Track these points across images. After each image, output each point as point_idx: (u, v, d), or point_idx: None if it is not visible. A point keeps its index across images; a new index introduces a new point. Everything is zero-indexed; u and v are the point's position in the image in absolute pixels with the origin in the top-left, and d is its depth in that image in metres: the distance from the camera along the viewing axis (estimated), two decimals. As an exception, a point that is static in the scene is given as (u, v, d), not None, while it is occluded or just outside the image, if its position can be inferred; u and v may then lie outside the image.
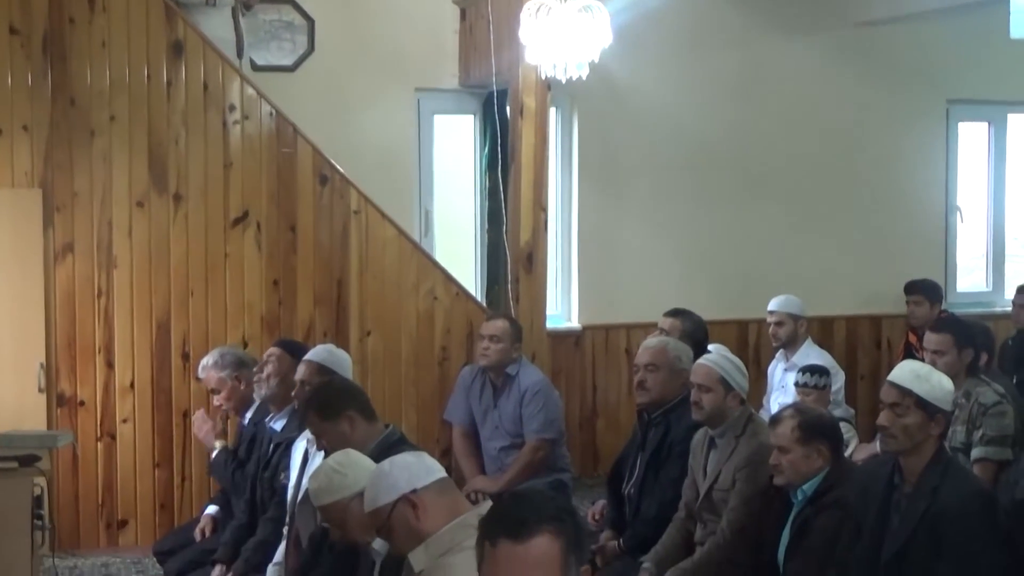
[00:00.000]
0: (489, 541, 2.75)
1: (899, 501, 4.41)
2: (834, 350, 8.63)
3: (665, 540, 5.58)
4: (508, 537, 2.71)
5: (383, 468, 3.72)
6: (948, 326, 6.10)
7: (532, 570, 2.70)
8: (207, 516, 6.57)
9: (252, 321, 7.42)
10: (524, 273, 7.82)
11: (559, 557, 2.72)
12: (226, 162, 7.37)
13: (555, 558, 2.72)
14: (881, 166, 9.39)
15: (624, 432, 7.38)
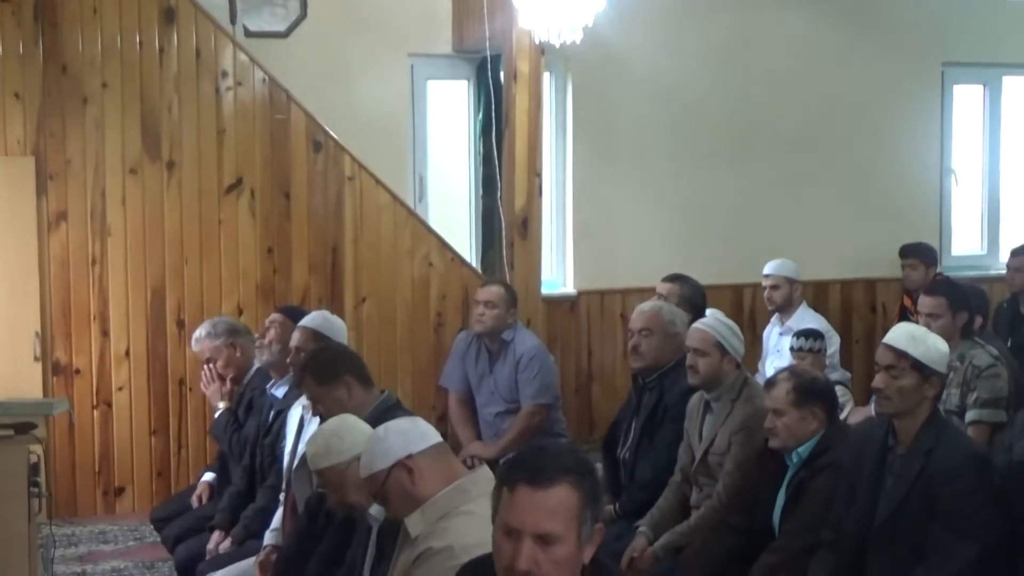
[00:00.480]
0: (508, 487, 2.77)
1: (893, 463, 4.43)
2: (829, 314, 8.65)
3: (661, 504, 5.60)
4: (527, 483, 2.73)
5: (378, 434, 3.73)
6: (942, 289, 6.10)
7: (548, 518, 2.71)
8: (204, 483, 6.59)
9: (247, 288, 7.42)
10: (519, 238, 7.81)
11: (576, 508, 2.74)
12: (219, 129, 7.35)
13: (572, 508, 2.74)
14: (876, 129, 9.37)
15: (619, 397, 7.39)
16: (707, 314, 5.60)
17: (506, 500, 2.76)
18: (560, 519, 2.72)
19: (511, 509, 2.74)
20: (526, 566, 2.70)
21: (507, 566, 2.73)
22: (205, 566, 5.78)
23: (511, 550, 2.72)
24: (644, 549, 5.39)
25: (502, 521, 2.76)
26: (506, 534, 2.74)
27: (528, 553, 2.70)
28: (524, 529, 2.71)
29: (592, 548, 2.80)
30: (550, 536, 2.70)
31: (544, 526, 2.70)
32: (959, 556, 4.20)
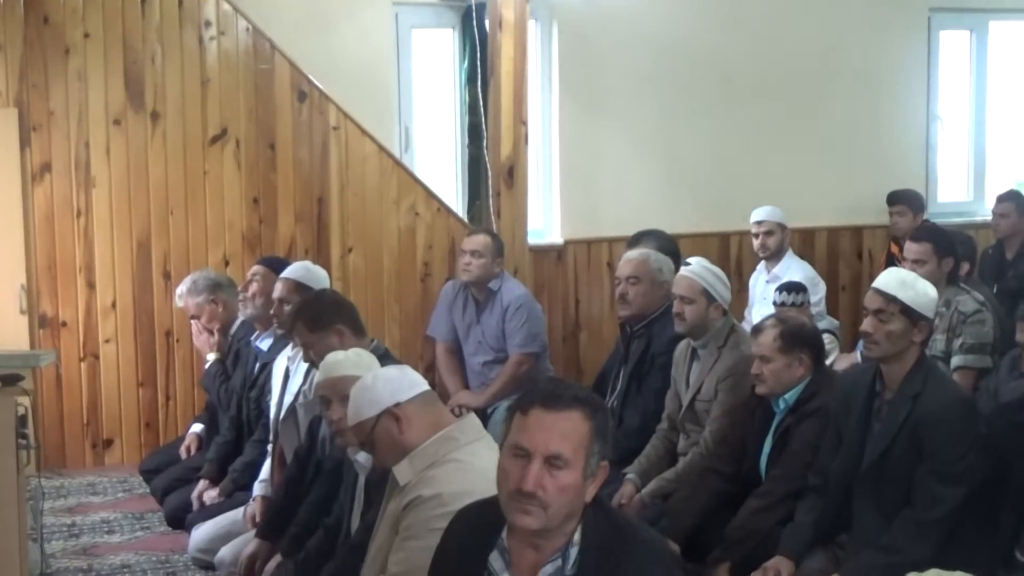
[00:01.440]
0: (521, 411, 2.80)
1: (880, 408, 4.45)
2: (815, 261, 8.66)
3: (648, 451, 5.63)
4: (542, 406, 2.78)
5: (366, 382, 3.73)
6: (928, 235, 6.11)
7: (559, 439, 2.75)
8: (192, 434, 6.62)
9: (233, 239, 7.39)
10: (505, 188, 7.80)
11: (587, 437, 2.78)
12: (203, 79, 7.30)
13: (583, 436, 2.77)
14: (862, 76, 9.33)
15: (607, 345, 7.41)
16: (690, 262, 5.59)
17: (518, 423, 2.79)
18: (570, 443, 2.75)
19: (523, 430, 2.77)
20: (533, 487, 2.72)
21: (514, 488, 2.75)
22: (194, 516, 5.81)
23: (519, 472, 2.75)
24: (632, 496, 5.44)
25: (512, 443, 2.79)
26: (515, 456, 2.77)
27: (536, 474, 2.73)
28: (535, 449, 2.74)
29: (595, 487, 2.82)
30: (559, 458, 2.74)
31: (554, 446, 2.74)
32: (944, 500, 4.23)
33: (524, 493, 2.72)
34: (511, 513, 2.77)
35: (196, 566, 5.55)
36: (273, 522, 5.07)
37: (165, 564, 5.63)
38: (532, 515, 2.73)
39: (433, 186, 7.92)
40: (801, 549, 4.55)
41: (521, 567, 2.83)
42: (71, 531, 6.12)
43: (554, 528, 2.77)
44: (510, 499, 2.76)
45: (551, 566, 2.80)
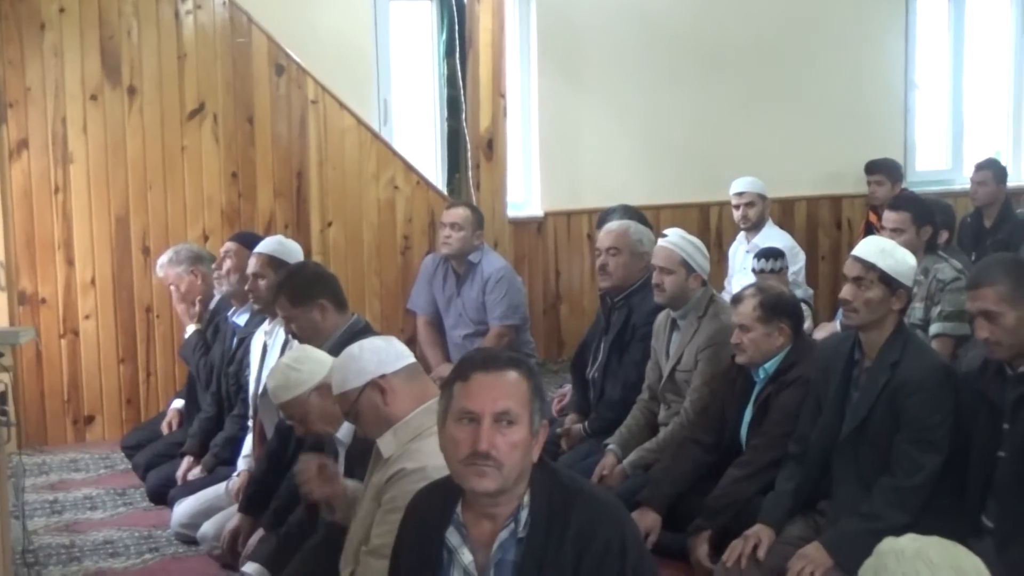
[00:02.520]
0: (461, 379, 2.85)
1: (859, 376, 4.47)
2: (795, 231, 8.68)
3: (629, 422, 5.65)
4: (482, 370, 2.83)
5: (352, 352, 3.73)
6: (906, 204, 6.13)
7: (506, 396, 2.80)
8: (173, 410, 6.62)
9: (212, 214, 7.37)
10: (484, 160, 7.80)
11: (528, 393, 2.84)
12: (180, 54, 7.26)
13: (525, 392, 2.84)
14: (840, 44, 9.34)
15: (588, 317, 7.42)
16: (670, 232, 5.60)
17: (460, 390, 2.83)
18: (516, 400, 2.81)
19: (467, 395, 2.81)
20: (487, 446, 2.76)
21: (467, 452, 2.79)
22: (176, 492, 5.81)
23: (469, 436, 2.79)
24: (613, 466, 5.46)
25: (458, 409, 2.82)
26: (462, 423, 2.81)
27: (488, 433, 2.77)
28: (483, 410, 2.78)
29: (539, 447, 2.87)
30: (508, 414, 2.79)
31: (502, 404, 2.79)
32: (923, 467, 4.26)
33: (479, 454, 2.76)
34: (467, 479, 2.80)
35: (179, 541, 5.55)
36: (255, 496, 5.07)
37: (148, 539, 5.62)
38: (488, 476, 2.77)
39: (412, 159, 7.90)
40: (781, 517, 4.57)
41: (478, 539, 2.86)
42: (53, 508, 6.11)
43: (509, 489, 2.81)
44: (464, 464, 2.79)
45: (505, 532, 2.84)
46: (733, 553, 4.53)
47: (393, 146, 7.91)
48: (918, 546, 2.08)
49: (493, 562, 2.84)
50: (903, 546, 2.09)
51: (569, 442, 5.94)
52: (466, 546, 2.86)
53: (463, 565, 2.85)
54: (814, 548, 4.31)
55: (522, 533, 2.83)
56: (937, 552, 2.06)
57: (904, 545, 2.09)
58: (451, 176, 8.43)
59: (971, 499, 4.17)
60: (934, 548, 2.08)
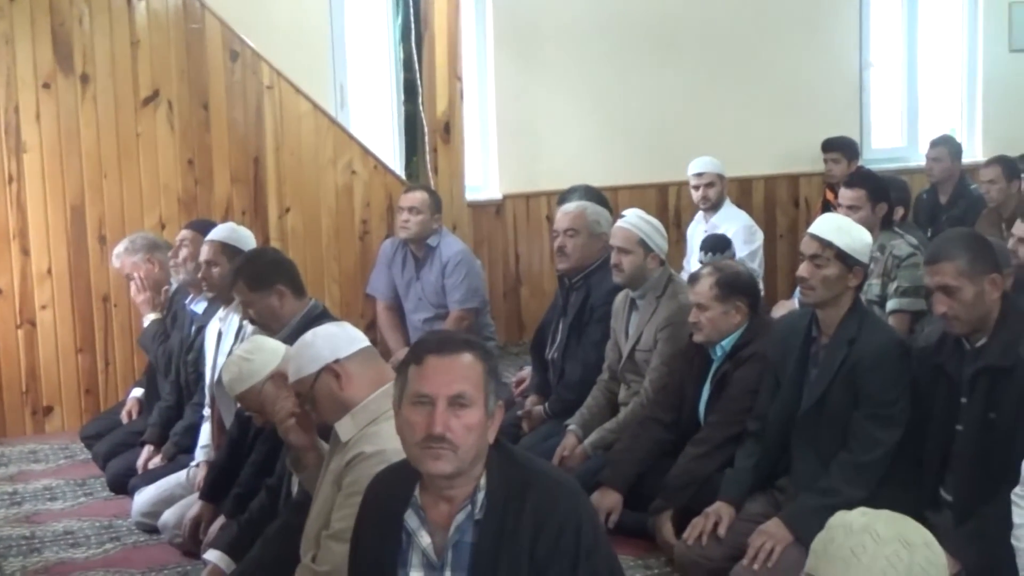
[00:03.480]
0: (415, 363, 2.84)
1: (816, 353, 4.50)
2: (752, 210, 8.71)
3: (589, 402, 5.67)
4: (436, 353, 2.83)
5: (306, 339, 3.73)
6: (861, 181, 6.15)
7: (460, 379, 2.80)
8: (133, 399, 6.59)
9: (168, 202, 7.32)
10: (442, 144, 7.79)
11: (482, 375, 2.84)
12: (133, 40, 7.19)
13: (479, 374, 2.83)
14: (796, 24, 9.37)
15: (548, 299, 7.41)
16: (628, 213, 5.62)
17: (415, 374, 2.83)
18: (470, 382, 2.81)
19: (422, 379, 2.81)
20: (442, 429, 2.76)
21: (422, 436, 2.79)
22: (136, 481, 5.79)
23: (424, 419, 2.79)
24: (574, 447, 5.48)
25: (412, 393, 2.82)
26: (417, 406, 2.81)
27: (443, 416, 2.77)
28: (437, 392, 2.78)
29: (495, 429, 2.87)
30: (462, 396, 2.79)
31: (456, 386, 2.79)
32: (880, 443, 4.30)
33: (434, 437, 2.76)
34: (423, 462, 2.80)
35: (140, 530, 5.52)
36: (216, 484, 5.06)
37: (109, 529, 5.59)
38: (444, 459, 2.77)
39: (369, 143, 7.87)
40: (741, 494, 4.61)
41: (436, 521, 2.87)
42: (13, 499, 6.07)
43: (465, 472, 2.81)
44: (420, 448, 2.79)
45: (462, 514, 2.84)
46: (694, 531, 4.56)
47: (350, 131, 7.88)
48: (867, 520, 2.10)
49: (450, 544, 2.85)
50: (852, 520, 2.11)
51: (530, 424, 5.95)
52: (424, 528, 2.87)
53: (421, 547, 2.86)
54: (774, 524, 4.35)
55: (479, 515, 2.84)
56: (884, 525, 2.08)
57: (853, 519, 2.11)
58: (409, 160, 8.41)
59: (929, 472, 4.22)
60: (882, 522, 2.09)
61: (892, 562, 2.04)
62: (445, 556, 2.84)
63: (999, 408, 3.95)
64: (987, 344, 4.04)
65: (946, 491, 4.16)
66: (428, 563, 2.86)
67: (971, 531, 3.93)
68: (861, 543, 2.06)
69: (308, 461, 3.88)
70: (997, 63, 10.02)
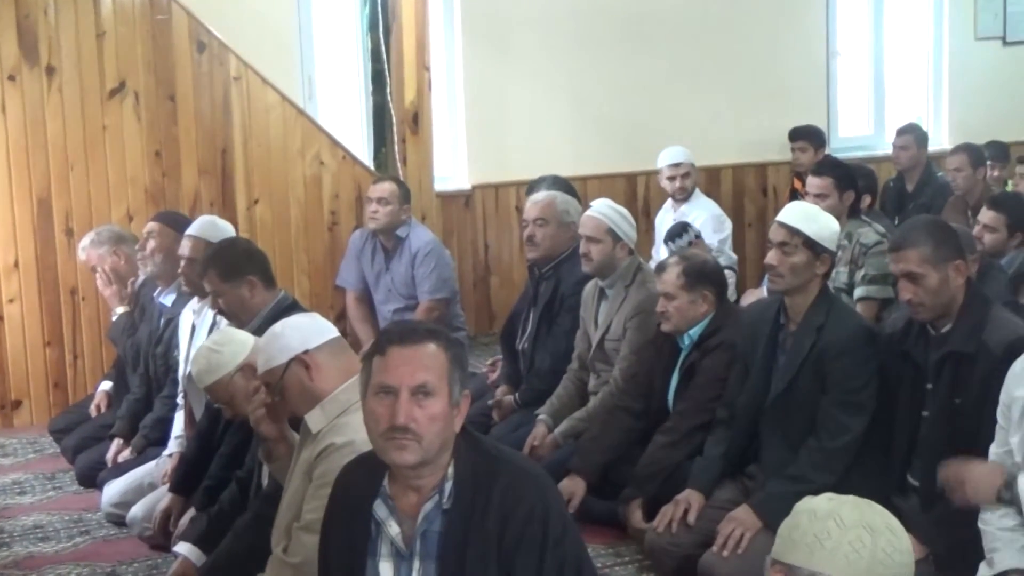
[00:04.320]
0: (379, 353, 2.85)
1: (785, 340, 4.53)
2: (721, 199, 8.73)
3: (559, 392, 5.68)
4: (399, 343, 2.84)
5: (275, 330, 3.72)
6: (829, 169, 6.19)
7: (423, 370, 2.81)
8: (101, 392, 6.56)
9: (136, 194, 7.28)
10: (410, 134, 7.78)
11: (446, 365, 2.84)
12: (99, 31, 7.15)
13: (443, 364, 2.84)
14: (763, 13, 9.39)
15: (518, 289, 7.44)
16: (597, 202, 5.63)
17: (378, 365, 2.84)
18: (433, 372, 2.81)
19: (385, 370, 2.82)
20: (405, 420, 2.77)
21: (386, 426, 2.80)
22: (106, 475, 5.77)
23: (388, 410, 2.80)
24: (545, 436, 5.48)
25: (376, 384, 2.83)
26: (381, 397, 2.82)
27: (406, 407, 2.78)
28: (400, 383, 2.79)
29: (461, 417, 2.89)
30: (425, 387, 2.80)
31: (419, 377, 2.80)
32: (848, 429, 4.34)
33: (397, 427, 2.77)
34: (388, 452, 2.81)
35: (109, 523, 5.50)
36: (186, 476, 5.05)
37: (78, 523, 5.57)
38: (408, 449, 2.78)
39: (338, 134, 7.85)
40: (711, 482, 4.64)
41: (405, 511, 2.88)
42: (-19, 494, 6.05)
43: (431, 461, 2.82)
44: (384, 438, 2.80)
45: (430, 503, 2.85)
46: (664, 519, 4.58)
47: (318, 122, 7.86)
48: (832, 506, 2.11)
49: (418, 533, 2.86)
50: (817, 505, 2.13)
51: (500, 414, 5.95)
52: (393, 518, 2.88)
53: (390, 537, 2.87)
54: (743, 511, 4.38)
55: (447, 504, 2.85)
56: (849, 511, 2.10)
57: (818, 505, 2.13)
58: (377, 151, 8.40)
59: (897, 458, 4.25)
60: (847, 507, 2.11)
61: (855, 547, 2.06)
62: (413, 545, 2.85)
63: (964, 394, 3.98)
64: (952, 330, 4.07)
65: (913, 476, 4.19)
66: (397, 552, 2.87)
67: (938, 516, 3.96)
68: (826, 529, 2.08)
69: (279, 452, 3.88)
70: (963, 51, 10.08)
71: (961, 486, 3.48)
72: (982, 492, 3.44)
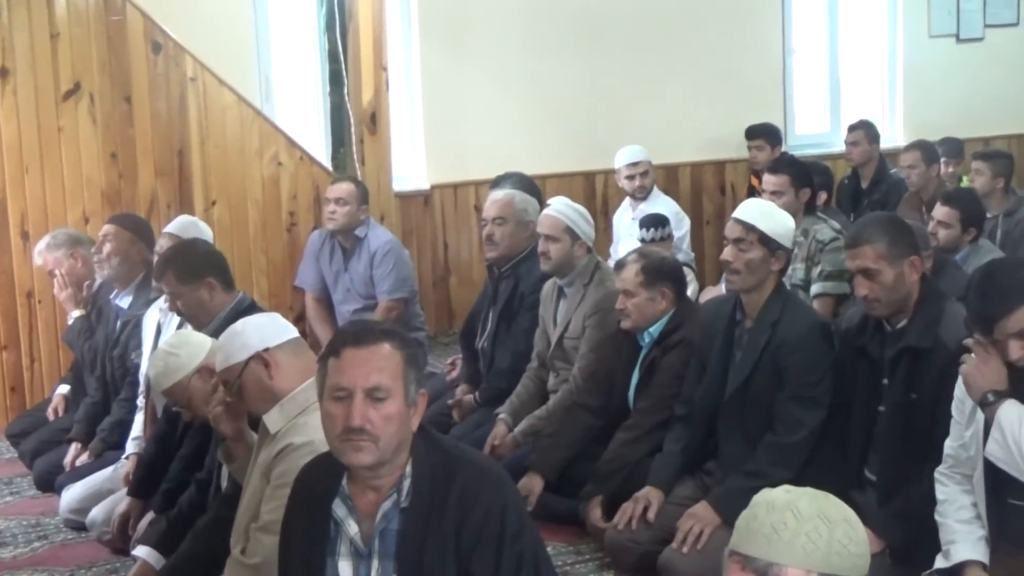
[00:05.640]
0: (333, 355, 2.86)
1: (741, 337, 4.56)
2: (679, 197, 8.78)
3: (519, 391, 5.69)
4: (353, 345, 2.84)
5: (235, 328, 3.72)
6: (785, 167, 6.23)
7: (376, 372, 2.81)
8: (59, 395, 6.51)
9: (92, 196, 7.23)
10: (368, 134, 7.77)
11: (401, 366, 2.85)
12: (53, 33, 7.10)
13: (397, 365, 2.84)
14: (720, 12, 9.43)
15: (477, 288, 7.42)
16: (555, 201, 5.64)
17: (333, 367, 2.84)
18: (387, 374, 2.82)
19: (339, 372, 2.83)
20: (360, 422, 2.78)
21: (342, 428, 2.80)
22: (64, 478, 5.73)
23: (343, 411, 2.80)
24: (505, 435, 5.49)
25: (331, 386, 2.84)
26: (336, 399, 2.82)
27: (361, 409, 2.79)
28: (354, 385, 2.80)
29: (418, 416, 2.90)
30: (379, 389, 2.80)
31: (373, 379, 2.80)
32: (805, 424, 4.37)
33: (353, 429, 2.78)
34: (344, 454, 2.82)
35: (68, 528, 5.46)
36: (144, 479, 5.02)
37: (36, 528, 5.53)
38: (364, 450, 2.79)
39: (295, 135, 7.83)
40: (670, 478, 4.66)
41: (363, 510, 2.88)
42: (-62, 500, 6.00)
43: (388, 461, 2.83)
44: (341, 440, 2.81)
45: (388, 502, 2.86)
46: (624, 516, 4.60)
47: (276, 122, 7.83)
48: (790, 497, 2.13)
49: (377, 532, 2.86)
50: (774, 497, 2.15)
51: (460, 413, 5.96)
52: (352, 517, 2.88)
53: (349, 536, 2.87)
54: (702, 507, 4.41)
55: (405, 503, 2.86)
56: (806, 503, 2.12)
57: (776, 496, 2.15)
58: (335, 151, 8.36)
59: (853, 453, 4.28)
60: (804, 499, 2.13)
61: (812, 538, 2.08)
62: (372, 544, 2.86)
63: (920, 388, 4.02)
64: (907, 326, 4.10)
65: (870, 471, 4.23)
66: (356, 551, 2.88)
67: (895, 510, 4.00)
68: (782, 520, 2.09)
69: (238, 452, 3.87)
70: (917, 49, 10.17)
71: (974, 370, 3.49)
72: (980, 383, 3.45)
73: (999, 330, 3.42)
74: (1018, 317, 3.40)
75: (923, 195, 7.71)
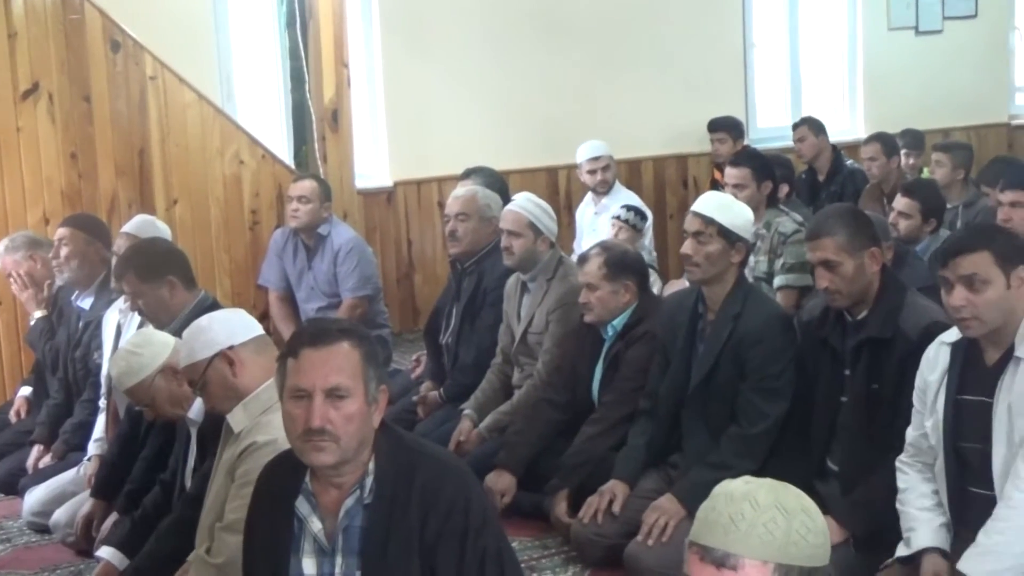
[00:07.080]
0: (292, 356, 2.85)
1: (704, 329, 4.58)
2: (642, 191, 8.80)
3: (484, 386, 5.69)
4: (310, 346, 2.84)
5: (200, 324, 3.71)
6: (746, 160, 6.25)
7: (335, 372, 2.81)
8: (20, 398, 6.47)
9: (52, 196, 7.18)
10: (330, 132, 7.75)
11: (360, 364, 2.85)
12: (10, 32, 7.03)
13: (356, 364, 2.84)
14: (681, 6, 9.46)
15: (442, 285, 7.42)
16: (518, 197, 5.65)
17: (292, 368, 2.84)
18: (346, 373, 2.81)
19: (298, 373, 2.82)
20: (320, 422, 2.77)
21: (302, 429, 2.80)
22: (27, 481, 5.69)
23: (303, 412, 2.80)
24: (470, 431, 5.49)
25: (291, 387, 2.84)
26: (296, 399, 2.82)
27: (320, 409, 2.78)
28: (314, 386, 2.79)
29: (380, 413, 2.90)
30: (339, 389, 2.80)
31: (332, 379, 2.80)
32: (767, 416, 4.40)
33: (313, 430, 2.78)
34: (306, 454, 2.82)
35: (31, 530, 5.43)
36: (108, 480, 4.99)
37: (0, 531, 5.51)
38: (326, 450, 2.79)
39: (258, 133, 7.80)
40: (635, 471, 4.67)
41: (327, 507, 2.89)
42: (-102, 505, 5.94)
43: (350, 459, 2.83)
44: (302, 441, 2.81)
45: (351, 499, 2.86)
46: (589, 509, 4.61)
47: (237, 120, 7.80)
48: (748, 488, 2.14)
49: (340, 529, 2.86)
50: (733, 488, 2.15)
51: (425, 409, 5.95)
52: (316, 514, 2.88)
53: (313, 533, 2.87)
54: (667, 499, 4.42)
55: (368, 499, 2.86)
56: (764, 493, 2.13)
57: (735, 487, 2.15)
58: (297, 149, 8.35)
59: (816, 444, 4.30)
60: (763, 490, 2.14)
61: (769, 528, 2.09)
62: (336, 541, 2.86)
63: (881, 379, 4.04)
64: (868, 316, 4.13)
65: (833, 461, 4.25)
66: (320, 548, 2.88)
67: (858, 499, 4.02)
68: (740, 510, 2.10)
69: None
70: (877, 42, 10.23)
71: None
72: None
73: (952, 267, 3.47)
74: (973, 260, 3.45)
75: (884, 187, 7.76)
